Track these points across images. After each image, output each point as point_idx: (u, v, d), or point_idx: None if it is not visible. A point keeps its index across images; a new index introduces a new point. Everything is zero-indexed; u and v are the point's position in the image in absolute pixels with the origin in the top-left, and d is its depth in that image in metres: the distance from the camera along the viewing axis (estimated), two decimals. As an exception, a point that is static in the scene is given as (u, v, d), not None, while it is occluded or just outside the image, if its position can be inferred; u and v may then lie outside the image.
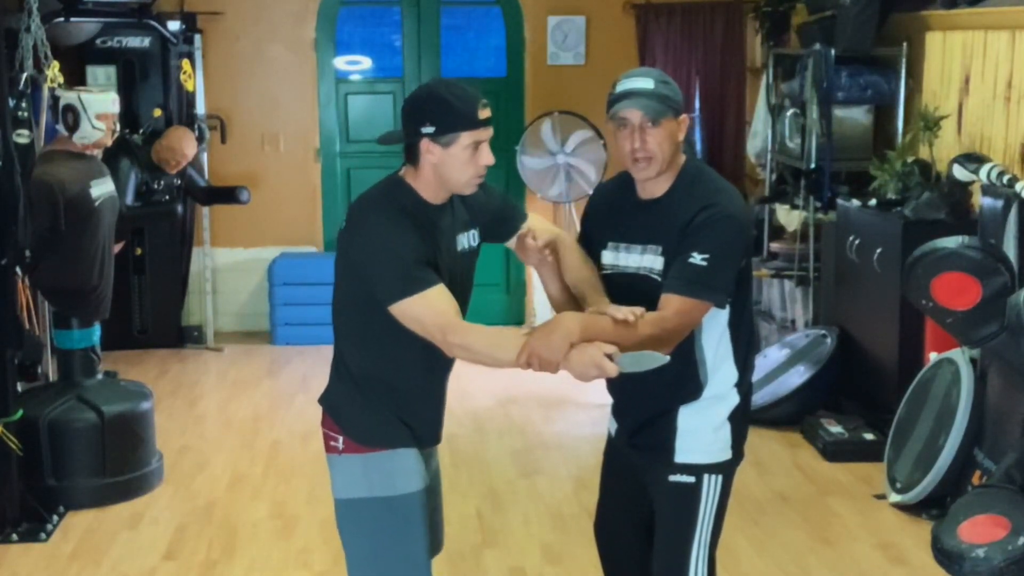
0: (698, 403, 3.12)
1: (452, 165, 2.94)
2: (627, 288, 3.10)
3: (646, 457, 3.20)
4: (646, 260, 3.08)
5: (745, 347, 3.15)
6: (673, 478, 3.13)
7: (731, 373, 3.13)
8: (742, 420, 3.18)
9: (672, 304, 2.95)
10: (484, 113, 2.94)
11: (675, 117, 3.05)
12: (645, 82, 3.04)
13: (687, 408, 3.12)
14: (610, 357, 2.80)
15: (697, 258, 2.94)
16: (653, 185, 3.09)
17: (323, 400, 3.14)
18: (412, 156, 2.97)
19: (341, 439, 3.05)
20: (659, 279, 3.03)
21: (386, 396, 3.02)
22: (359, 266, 2.92)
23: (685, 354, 3.04)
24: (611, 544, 3.39)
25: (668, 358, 2.86)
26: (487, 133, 2.96)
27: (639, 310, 2.91)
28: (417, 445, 3.07)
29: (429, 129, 2.91)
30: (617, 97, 3.05)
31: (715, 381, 3.12)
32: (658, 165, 3.05)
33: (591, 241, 3.23)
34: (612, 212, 3.19)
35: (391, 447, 3.03)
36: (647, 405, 3.15)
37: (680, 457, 3.12)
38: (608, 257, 3.17)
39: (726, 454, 3.15)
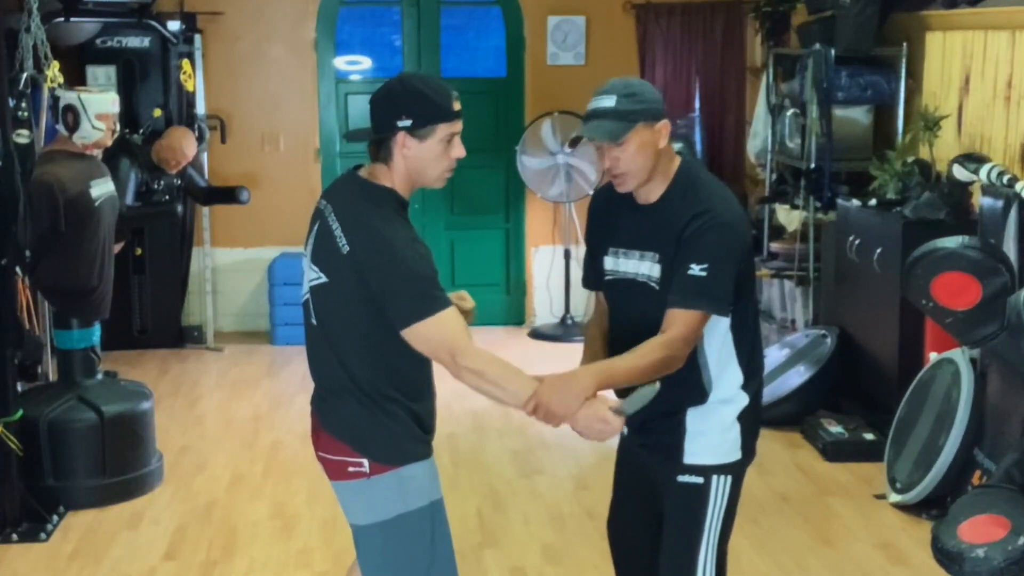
0: (706, 407, 3.12)
1: (426, 159, 2.91)
2: (627, 294, 3.13)
3: (656, 457, 3.20)
4: (644, 267, 3.09)
5: (749, 348, 3.15)
6: (681, 479, 3.13)
7: (736, 376, 3.13)
8: (752, 420, 3.18)
9: (678, 320, 2.95)
10: (457, 105, 2.94)
11: (649, 125, 3.00)
12: (607, 100, 3.00)
13: (695, 411, 3.12)
14: (616, 411, 2.86)
15: (695, 269, 2.95)
16: (647, 191, 3.08)
17: (335, 427, 3.00)
18: (384, 152, 2.93)
19: (366, 462, 2.94)
20: (657, 287, 3.04)
21: (405, 410, 2.97)
22: (378, 290, 2.84)
23: (688, 360, 3.03)
24: (622, 541, 3.40)
25: (657, 385, 2.88)
26: (460, 126, 2.95)
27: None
28: (431, 450, 3.07)
29: (406, 122, 2.87)
30: (584, 118, 3.05)
31: (721, 385, 3.11)
32: (634, 179, 3.04)
33: (594, 246, 3.24)
34: (611, 217, 3.19)
35: (418, 459, 3.00)
36: (654, 408, 3.15)
37: (689, 458, 3.13)
38: (609, 263, 3.18)
39: (735, 455, 3.15)
